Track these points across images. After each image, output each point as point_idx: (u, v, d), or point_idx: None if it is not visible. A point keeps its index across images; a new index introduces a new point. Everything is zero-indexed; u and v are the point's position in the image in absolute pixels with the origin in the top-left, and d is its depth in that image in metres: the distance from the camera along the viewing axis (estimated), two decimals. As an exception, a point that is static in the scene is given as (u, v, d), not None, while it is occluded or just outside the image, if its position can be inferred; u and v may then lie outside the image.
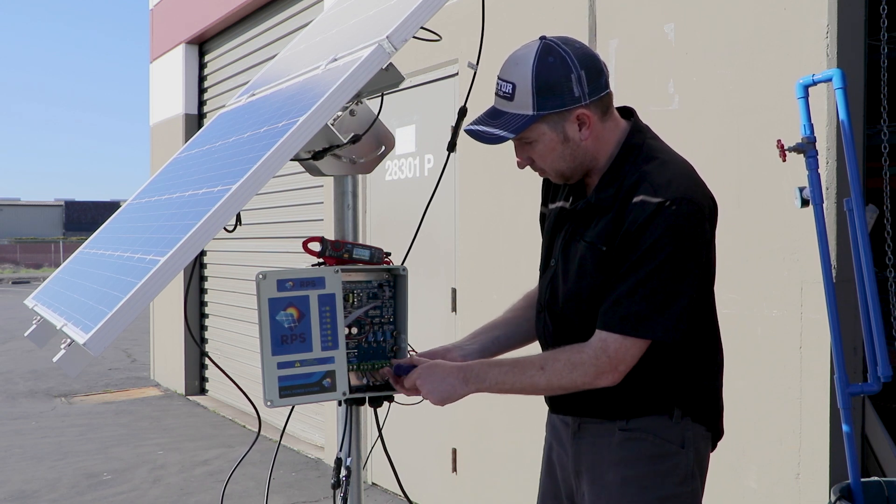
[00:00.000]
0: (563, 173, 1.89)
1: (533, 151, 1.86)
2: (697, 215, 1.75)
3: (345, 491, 1.93)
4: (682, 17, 3.22)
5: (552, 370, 1.77)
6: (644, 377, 1.81)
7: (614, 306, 1.75)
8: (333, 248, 1.90)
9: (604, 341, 1.75)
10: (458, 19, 3.97)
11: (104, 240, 2.25)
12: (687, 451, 1.85)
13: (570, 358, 1.77)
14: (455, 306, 4.55)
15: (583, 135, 1.83)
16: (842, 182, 2.70)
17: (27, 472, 5.81)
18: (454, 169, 4.46)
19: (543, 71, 1.78)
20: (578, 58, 1.80)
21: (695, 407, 1.87)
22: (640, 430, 1.84)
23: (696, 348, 1.86)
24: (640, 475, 1.84)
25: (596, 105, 1.83)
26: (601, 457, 1.88)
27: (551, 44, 1.81)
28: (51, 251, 43.08)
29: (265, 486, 5.21)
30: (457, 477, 4.55)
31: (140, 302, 1.38)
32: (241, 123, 2.09)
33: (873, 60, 2.86)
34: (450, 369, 1.82)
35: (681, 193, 1.74)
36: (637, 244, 1.73)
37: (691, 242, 1.74)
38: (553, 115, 1.80)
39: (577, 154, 1.85)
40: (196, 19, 8.42)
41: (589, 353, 1.76)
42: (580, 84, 1.79)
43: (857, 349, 2.76)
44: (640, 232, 1.73)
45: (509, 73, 1.82)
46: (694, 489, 1.87)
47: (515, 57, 1.83)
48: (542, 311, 1.99)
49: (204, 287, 8.68)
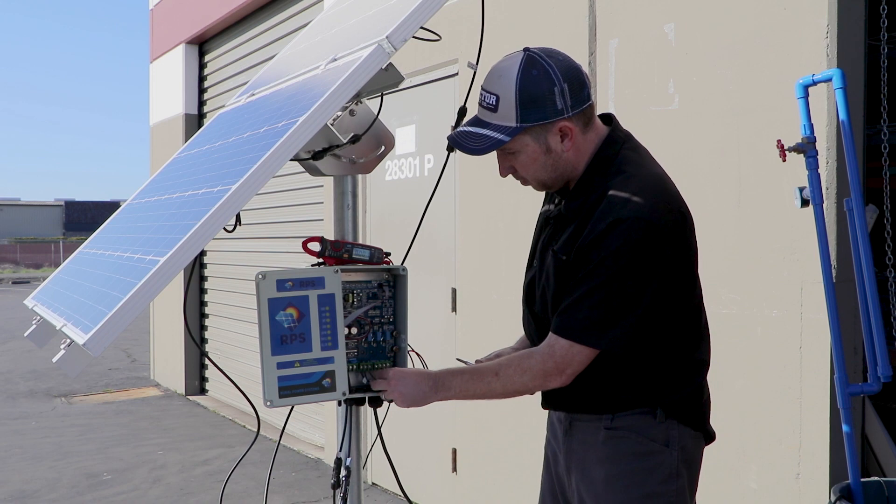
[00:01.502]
0: (544, 182, 1.95)
1: (515, 161, 1.91)
2: (653, 234, 1.78)
3: (345, 491, 1.93)
4: (682, 17, 3.22)
5: (505, 375, 1.85)
6: (627, 375, 1.87)
7: (564, 313, 1.82)
8: (333, 248, 1.90)
9: (551, 346, 1.82)
10: (457, 19, 3.97)
11: (104, 240, 2.25)
12: (671, 449, 1.88)
13: (521, 364, 1.85)
14: (455, 306, 4.55)
15: (565, 146, 1.87)
16: (842, 182, 2.70)
17: (27, 472, 5.81)
18: (454, 169, 4.46)
19: (527, 84, 1.81)
20: (562, 70, 1.83)
21: (679, 409, 1.90)
22: (624, 429, 1.89)
23: (677, 351, 1.90)
24: (624, 472, 1.88)
25: (578, 117, 1.87)
26: (588, 454, 1.93)
27: (535, 56, 1.84)
28: (51, 251, 43.09)
29: (265, 486, 5.21)
30: (457, 477, 4.55)
31: (140, 302, 1.38)
32: (241, 123, 2.09)
33: (873, 60, 2.86)
34: (422, 376, 1.87)
35: (637, 212, 1.77)
36: (590, 257, 1.79)
37: (644, 259, 1.77)
38: (536, 127, 1.84)
39: (558, 165, 1.90)
40: (196, 19, 8.42)
41: (537, 358, 1.83)
42: (563, 97, 1.83)
43: (857, 349, 2.76)
44: (593, 246, 1.79)
45: (493, 84, 1.86)
46: (679, 488, 1.90)
47: (499, 69, 1.86)
48: (525, 308, 2.06)
49: (204, 287, 8.68)
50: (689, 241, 1.90)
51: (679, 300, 1.88)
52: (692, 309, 1.94)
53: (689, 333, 1.94)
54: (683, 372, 1.92)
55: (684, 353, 1.92)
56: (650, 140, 2.05)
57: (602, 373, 1.85)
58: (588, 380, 1.85)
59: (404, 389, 1.85)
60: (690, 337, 1.94)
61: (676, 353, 1.90)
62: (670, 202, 1.85)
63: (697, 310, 1.97)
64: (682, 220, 1.87)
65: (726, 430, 2.93)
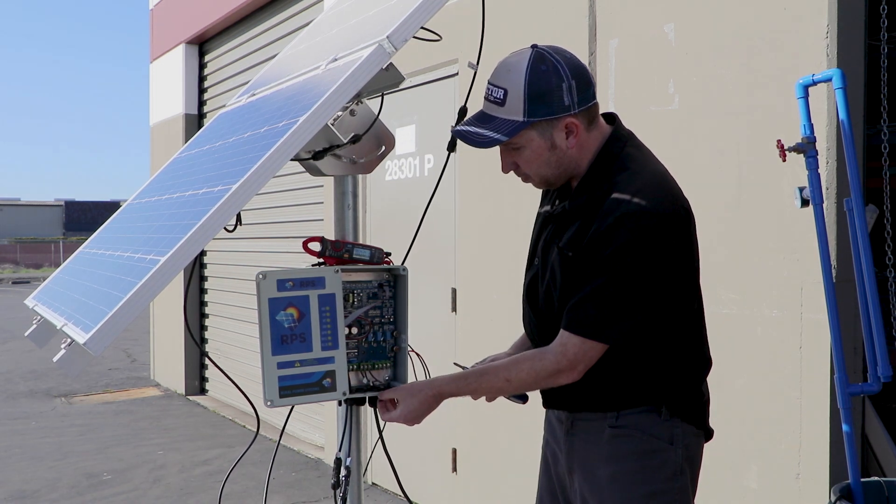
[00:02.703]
0: (546, 179, 1.95)
1: (519, 157, 1.91)
2: (659, 228, 1.79)
3: (344, 491, 1.93)
4: (682, 17, 3.22)
5: (518, 380, 1.86)
6: (631, 372, 1.87)
7: (574, 309, 1.82)
8: (333, 248, 1.90)
9: (564, 345, 1.82)
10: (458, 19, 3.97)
11: (104, 240, 2.25)
12: (676, 447, 1.89)
13: (533, 366, 1.85)
14: (455, 306, 4.55)
15: (569, 142, 1.88)
16: (842, 182, 2.70)
17: (27, 472, 5.81)
18: (454, 169, 4.46)
19: (536, 79, 1.82)
20: (570, 68, 1.84)
21: (682, 407, 1.91)
22: (628, 427, 1.89)
23: (681, 349, 1.91)
24: (630, 471, 1.88)
25: (584, 114, 1.87)
26: (592, 453, 1.93)
27: (543, 53, 1.85)
28: (51, 251, 43.08)
29: (265, 486, 5.20)
30: (457, 477, 4.55)
31: (140, 302, 1.38)
32: (242, 123, 2.09)
33: (873, 60, 2.86)
34: (421, 385, 1.88)
35: (643, 207, 1.77)
36: (598, 252, 1.79)
37: (651, 253, 1.78)
38: (542, 123, 1.85)
39: (562, 161, 1.90)
40: (196, 19, 8.42)
41: (549, 358, 1.84)
42: (570, 93, 1.83)
43: (857, 349, 2.76)
44: (601, 241, 1.79)
45: (501, 78, 1.86)
46: (683, 485, 1.91)
47: (507, 63, 1.87)
48: (526, 307, 2.06)
49: (204, 287, 8.68)
50: (692, 237, 1.90)
51: (683, 297, 1.89)
52: (693, 307, 1.95)
53: (693, 331, 1.95)
54: (687, 370, 1.93)
55: (688, 351, 1.93)
56: (650, 140, 2.05)
57: (606, 370, 1.85)
58: (592, 378, 1.85)
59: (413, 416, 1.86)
60: (694, 335, 1.95)
61: (680, 350, 1.91)
62: (674, 198, 1.86)
63: (700, 308, 1.98)
64: (686, 216, 1.88)
65: (726, 429, 2.93)
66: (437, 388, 1.87)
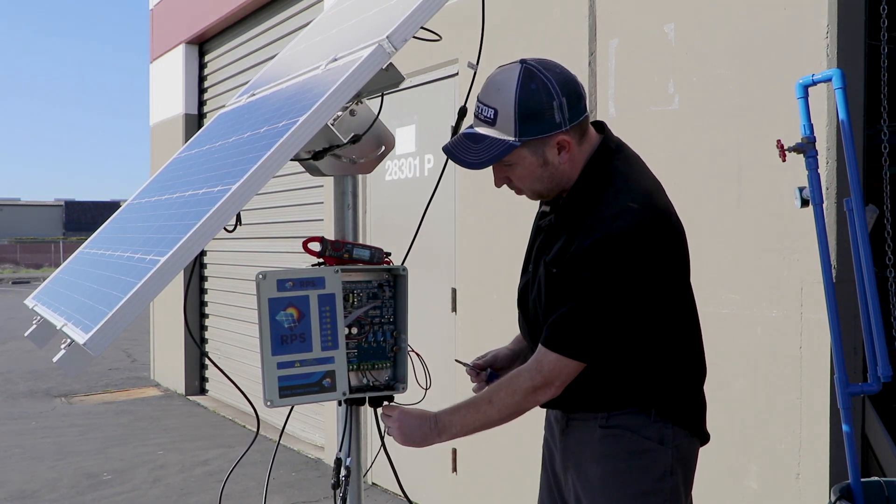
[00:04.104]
0: (539, 193, 1.96)
1: (512, 173, 1.92)
2: (639, 251, 1.78)
3: (344, 491, 1.93)
4: (682, 17, 3.22)
5: (498, 399, 1.87)
6: (621, 375, 1.88)
7: (553, 326, 1.83)
8: (333, 248, 1.90)
9: (539, 362, 1.84)
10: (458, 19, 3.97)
11: (104, 240, 2.25)
12: (666, 447, 1.89)
13: (511, 385, 1.87)
14: (455, 306, 4.55)
15: (561, 158, 1.87)
16: (842, 182, 2.70)
17: (27, 472, 5.81)
18: (454, 169, 4.46)
19: (526, 98, 1.81)
20: (560, 84, 1.83)
21: (673, 411, 1.91)
22: (619, 427, 1.90)
23: (672, 355, 1.92)
24: (620, 470, 1.89)
25: (575, 129, 1.87)
26: (584, 452, 1.95)
27: (532, 69, 1.83)
28: (51, 251, 43.07)
29: (265, 486, 5.20)
30: (457, 477, 4.55)
31: (140, 302, 1.38)
32: (242, 123, 2.09)
33: (873, 60, 2.86)
34: (424, 417, 1.90)
35: (624, 230, 1.77)
36: (577, 274, 1.80)
37: (629, 276, 1.78)
38: (534, 141, 1.84)
39: (554, 176, 1.90)
40: (196, 19, 8.42)
41: (525, 375, 1.85)
42: (561, 111, 1.83)
43: (857, 349, 2.76)
44: (580, 261, 1.79)
45: (490, 97, 1.85)
46: (674, 486, 1.91)
47: (496, 82, 1.85)
48: (519, 312, 2.08)
49: (204, 287, 8.67)
50: (680, 252, 1.90)
51: (671, 309, 1.89)
52: (685, 317, 1.95)
53: (684, 338, 1.95)
54: (677, 376, 1.94)
55: (679, 357, 1.94)
56: (650, 140, 2.05)
57: (597, 373, 1.86)
58: (584, 380, 1.86)
59: (407, 430, 1.88)
60: (685, 341, 1.95)
61: (671, 356, 1.91)
62: (659, 217, 1.84)
63: (691, 317, 1.98)
64: (673, 232, 1.87)
65: (726, 430, 2.93)
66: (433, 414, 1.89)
